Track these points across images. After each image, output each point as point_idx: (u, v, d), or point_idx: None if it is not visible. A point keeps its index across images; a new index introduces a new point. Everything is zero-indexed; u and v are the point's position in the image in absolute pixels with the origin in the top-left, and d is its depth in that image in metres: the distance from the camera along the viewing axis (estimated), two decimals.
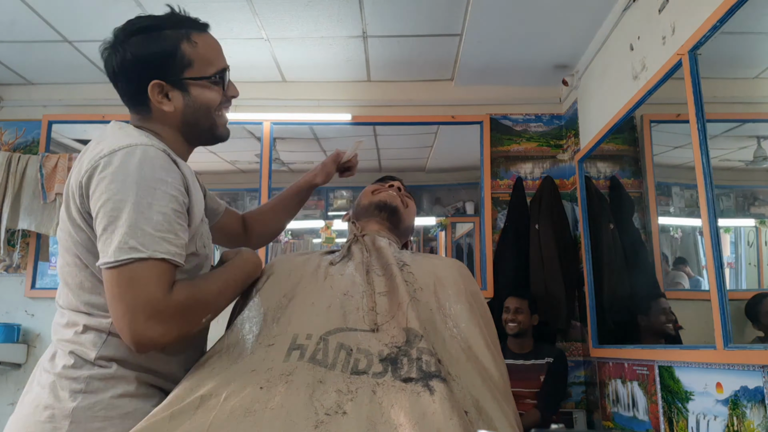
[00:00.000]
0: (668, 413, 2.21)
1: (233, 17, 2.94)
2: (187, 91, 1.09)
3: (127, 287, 0.93)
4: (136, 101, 1.10)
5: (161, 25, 1.10)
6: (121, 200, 0.95)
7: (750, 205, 2.17)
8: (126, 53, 1.06)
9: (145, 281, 0.93)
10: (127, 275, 0.93)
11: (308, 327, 1.04)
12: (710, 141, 1.91)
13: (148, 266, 0.94)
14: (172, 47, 1.08)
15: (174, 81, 1.08)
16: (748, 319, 1.95)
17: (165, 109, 1.08)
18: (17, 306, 3.46)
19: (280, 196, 1.55)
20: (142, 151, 0.99)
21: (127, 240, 0.93)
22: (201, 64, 1.10)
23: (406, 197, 1.49)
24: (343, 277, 1.17)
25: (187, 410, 0.90)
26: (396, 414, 0.88)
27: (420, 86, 3.68)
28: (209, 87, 1.12)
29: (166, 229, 0.97)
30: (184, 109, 1.10)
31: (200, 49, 1.11)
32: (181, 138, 1.14)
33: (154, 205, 0.96)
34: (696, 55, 1.99)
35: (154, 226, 0.95)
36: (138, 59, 1.06)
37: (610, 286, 2.92)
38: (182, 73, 1.08)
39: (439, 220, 3.91)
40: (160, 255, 0.94)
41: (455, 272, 1.23)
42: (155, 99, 1.08)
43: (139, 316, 0.92)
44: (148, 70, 1.06)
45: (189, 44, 1.09)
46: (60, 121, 3.67)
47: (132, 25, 1.10)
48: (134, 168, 0.97)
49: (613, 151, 2.95)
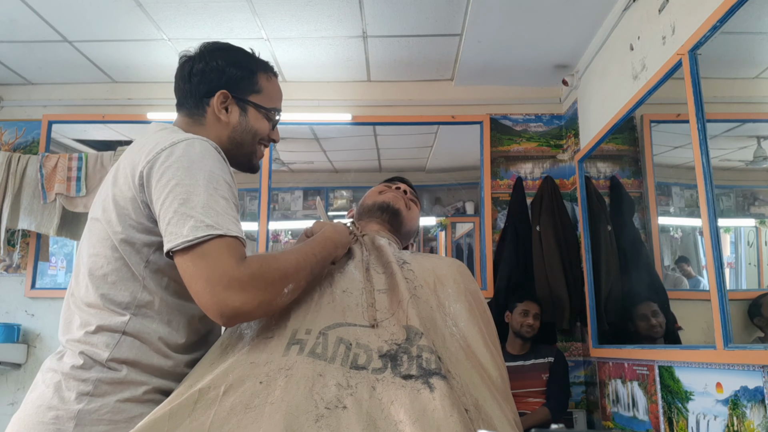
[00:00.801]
0: (668, 413, 2.21)
1: (233, 17, 2.94)
2: (245, 111, 1.20)
3: (203, 263, 0.95)
4: (196, 104, 1.19)
5: (249, 55, 1.24)
6: (190, 184, 1.00)
7: (750, 205, 2.17)
8: (211, 61, 1.18)
9: (217, 255, 0.96)
10: (201, 253, 0.96)
11: (307, 322, 1.04)
12: (710, 141, 1.91)
13: (221, 243, 0.97)
14: (252, 71, 1.21)
15: (239, 98, 1.20)
16: (749, 318, 1.95)
17: (221, 118, 1.18)
18: (17, 306, 3.46)
19: None
20: (201, 143, 1.06)
21: (204, 219, 0.97)
22: (266, 97, 1.23)
23: (410, 200, 1.49)
24: (343, 275, 1.18)
25: (186, 406, 0.89)
26: (396, 410, 0.88)
27: (420, 86, 3.68)
28: (263, 118, 1.23)
29: (230, 213, 1.02)
30: (236, 125, 1.20)
31: (271, 86, 1.24)
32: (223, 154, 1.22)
33: (219, 190, 1.02)
34: (696, 55, 1.99)
35: (222, 208, 1.00)
36: (220, 68, 1.18)
37: (607, 287, 2.92)
38: (249, 95, 1.20)
39: (439, 220, 3.91)
40: (234, 233, 0.99)
41: (455, 271, 1.23)
42: (217, 106, 1.18)
43: (217, 288, 0.94)
44: (223, 81, 1.18)
45: (266, 77, 1.24)
46: (60, 121, 3.67)
47: (221, 43, 1.24)
48: (198, 156, 1.03)
49: (613, 151, 2.95)
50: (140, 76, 3.60)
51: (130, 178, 1.05)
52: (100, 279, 1.07)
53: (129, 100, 3.67)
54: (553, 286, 3.17)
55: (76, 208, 3.38)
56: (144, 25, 3.00)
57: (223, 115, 1.18)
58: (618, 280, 2.86)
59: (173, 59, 3.36)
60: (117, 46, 3.25)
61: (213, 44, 1.22)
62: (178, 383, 1.06)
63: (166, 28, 3.04)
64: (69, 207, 3.38)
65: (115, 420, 1.00)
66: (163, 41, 3.17)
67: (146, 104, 3.61)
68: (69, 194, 3.36)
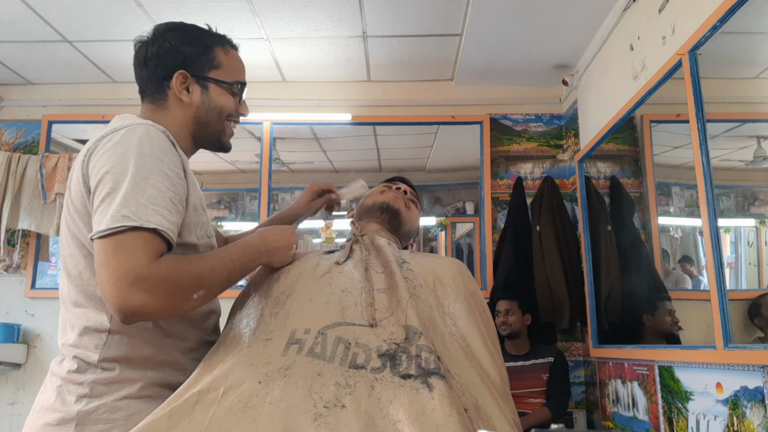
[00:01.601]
0: (668, 413, 2.21)
1: (233, 17, 2.94)
2: (206, 89, 1.16)
3: (113, 254, 0.92)
4: (157, 88, 1.16)
5: (204, 31, 1.19)
6: (119, 172, 0.97)
7: (750, 205, 2.17)
8: (164, 42, 1.14)
9: (130, 248, 0.92)
10: (114, 243, 0.93)
11: (306, 322, 1.04)
12: (710, 141, 1.91)
13: (137, 235, 0.93)
14: (208, 47, 1.17)
15: (198, 76, 1.15)
16: (750, 318, 1.95)
17: (183, 99, 1.15)
18: (17, 306, 3.46)
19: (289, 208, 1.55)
20: (144, 129, 1.03)
21: (121, 209, 0.94)
22: (227, 71, 1.18)
23: (410, 200, 1.49)
24: (342, 275, 1.17)
25: (185, 407, 0.90)
26: (395, 410, 0.88)
27: (420, 86, 3.68)
28: (226, 93, 1.18)
29: (159, 204, 0.97)
30: (200, 105, 1.16)
31: (230, 59, 1.20)
32: (188, 135, 1.18)
33: (150, 179, 0.98)
34: (696, 55, 1.99)
35: (148, 198, 0.96)
36: (174, 49, 1.14)
37: (607, 287, 2.92)
38: (208, 72, 1.16)
39: (439, 220, 3.91)
40: (151, 225, 0.94)
41: (454, 271, 1.23)
42: (177, 87, 1.14)
43: (122, 283, 0.90)
44: (179, 60, 1.14)
45: (223, 50, 1.19)
46: (60, 121, 3.68)
47: (173, 23, 1.19)
48: (134, 143, 1.00)
49: (613, 151, 2.95)
50: None
51: (78, 169, 1.04)
52: (77, 278, 1.06)
53: (129, 100, 3.66)
54: (553, 286, 3.17)
55: None
56: (144, 25, 3.00)
57: (185, 96, 1.14)
58: (618, 280, 2.86)
59: None
60: (117, 46, 3.25)
61: (165, 25, 1.17)
62: (175, 372, 1.07)
63: None
64: None
65: (113, 419, 1.01)
66: None
67: None
68: None
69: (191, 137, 1.18)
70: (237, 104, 1.20)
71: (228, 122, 1.21)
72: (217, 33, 1.20)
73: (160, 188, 0.98)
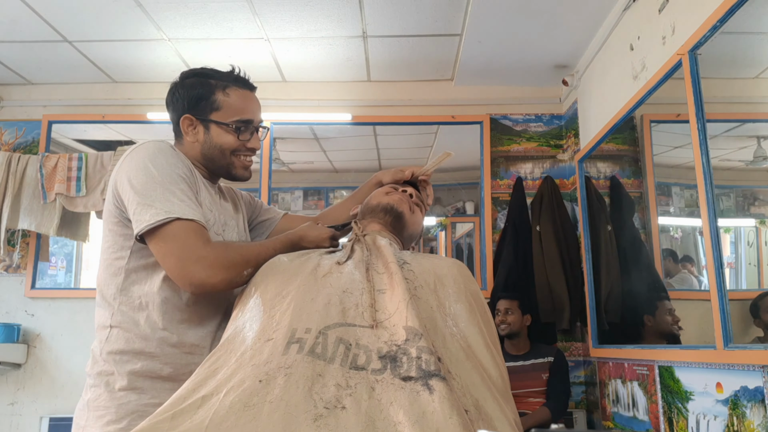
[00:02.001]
0: (668, 413, 2.21)
1: (233, 17, 2.94)
2: (208, 129, 1.34)
3: (172, 242, 1.14)
4: (175, 128, 1.37)
5: (212, 75, 1.35)
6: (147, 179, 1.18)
7: (750, 205, 2.17)
8: (178, 89, 1.34)
9: (185, 235, 1.15)
10: (168, 233, 1.14)
11: (307, 322, 1.04)
12: (710, 141, 1.91)
13: (182, 225, 1.15)
14: (209, 92, 1.33)
15: (201, 119, 1.33)
16: (752, 317, 1.95)
17: (188, 139, 1.34)
18: (17, 306, 3.45)
19: (351, 196, 1.65)
20: (155, 144, 1.25)
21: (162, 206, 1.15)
22: (227, 112, 1.33)
23: (415, 204, 1.48)
24: (343, 275, 1.17)
25: (188, 411, 0.91)
26: (395, 411, 0.88)
27: (420, 86, 3.68)
28: (226, 132, 1.34)
29: (188, 200, 1.19)
30: (203, 144, 1.34)
31: (231, 100, 1.34)
32: (202, 167, 1.36)
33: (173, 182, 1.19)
34: (696, 55, 1.99)
35: (179, 197, 1.18)
36: (183, 96, 1.34)
37: (607, 287, 2.92)
38: (209, 114, 1.33)
39: (439, 220, 3.91)
40: (188, 216, 1.16)
41: (455, 271, 1.23)
42: (184, 129, 1.34)
43: (187, 262, 1.14)
44: (186, 106, 1.33)
45: (223, 93, 1.34)
46: (60, 121, 3.67)
47: (193, 70, 1.38)
48: (150, 155, 1.21)
49: (613, 151, 2.95)
50: (140, 76, 3.60)
51: (111, 185, 1.25)
52: (98, 279, 1.29)
53: (129, 100, 3.67)
54: (553, 286, 3.17)
55: (76, 208, 3.38)
56: (144, 25, 3.00)
57: (190, 136, 1.34)
58: (618, 280, 2.86)
59: (173, 59, 3.37)
60: (117, 46, 3.25)
61: (185, 73, 1.36)
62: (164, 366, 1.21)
63: (166, 28, 3.04)
64: (69, 207, 3.38)
65: (107, 405, 1.19)
66: (163, 41, 3.17)
67: (146, 104, 3.61)
68: (69, 194, 3.36)
69: (205, 169, 1.36)
70: (240, 140, 1.34)
71: (236, 156, 1.36)
72: (224, 73, 1.35)
73: (182, 188, 1.20)
